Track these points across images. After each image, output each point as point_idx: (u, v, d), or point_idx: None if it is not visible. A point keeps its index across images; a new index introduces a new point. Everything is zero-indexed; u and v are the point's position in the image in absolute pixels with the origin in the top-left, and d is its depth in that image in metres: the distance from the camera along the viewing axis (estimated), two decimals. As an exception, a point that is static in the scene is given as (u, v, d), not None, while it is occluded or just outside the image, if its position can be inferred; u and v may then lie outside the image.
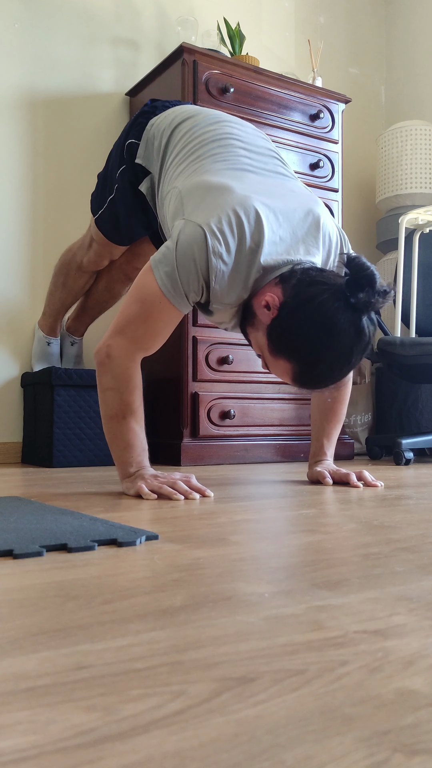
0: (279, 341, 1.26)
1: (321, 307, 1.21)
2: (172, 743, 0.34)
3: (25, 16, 2.48)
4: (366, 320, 1.24)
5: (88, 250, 2.03)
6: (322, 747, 0.33)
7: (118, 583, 0.65)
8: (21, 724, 0.36)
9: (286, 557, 0.77)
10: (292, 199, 1.39)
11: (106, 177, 1.85)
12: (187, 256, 1.27)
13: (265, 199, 1.34)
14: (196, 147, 1.50)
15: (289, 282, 1.27)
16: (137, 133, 1.70)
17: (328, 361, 1.23)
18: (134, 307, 1.33)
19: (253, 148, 1.51)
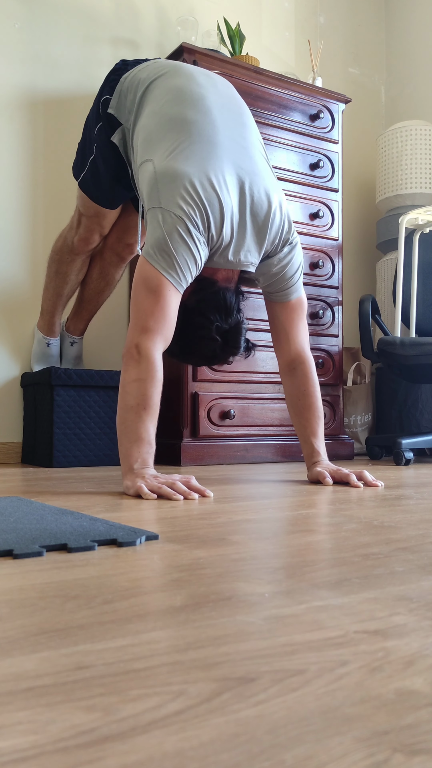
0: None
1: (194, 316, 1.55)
2: (172, 743, 0.34)
3: (25, 16, 2.47)
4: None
5: (77, 228, 2.06)
6: (322, 747, 0.33)
7: (118, 583, 0.65)
8: (21, 724, 0.36)
9: (286, 557, 0.77)
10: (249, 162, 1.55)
11: (85, 141, 1.91)
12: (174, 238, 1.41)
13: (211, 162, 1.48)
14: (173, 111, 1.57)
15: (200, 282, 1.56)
16: (110, 89, 1.77)
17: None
18: (146, 300, 1.42)
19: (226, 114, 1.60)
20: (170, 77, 1.65)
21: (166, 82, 1.64)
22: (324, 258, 2.60)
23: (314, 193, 2.60)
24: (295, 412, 1.68)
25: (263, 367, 2.42)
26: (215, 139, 1.53)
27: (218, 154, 1.51)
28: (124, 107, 1.72)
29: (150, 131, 1.57)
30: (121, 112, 1.72)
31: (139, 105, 1.66)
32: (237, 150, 1.54)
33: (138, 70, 1.74)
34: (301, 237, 2.55)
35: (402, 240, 2.55)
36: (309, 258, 2.55)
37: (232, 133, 1.57)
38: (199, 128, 1.53)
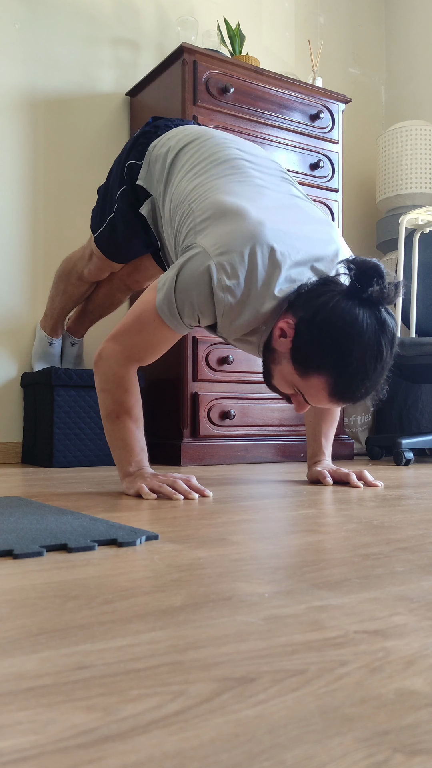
0: (304, 358, 1.23)
1: (336, 309, 1.19)
2: (172, 743, 0.34)
3: (25, 16, 2.48)
4: (385, 311, 1.21)
5: (88, 261, 2.02)
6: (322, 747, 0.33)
7: (118, 583, 0.65)
8: (21, 724, 0.36)
9: (286, 557, 0.77)
10: (310, 224, 1.36)
11: (106, 195, 1.83)
12: (187, 287, 1.26)
13: (281, 225, 1.30)
14: (206, 168, 1.45)
15: (297, 302, 1.26)
16: (138, 153, 1.67)
17: (358, 358, 1.18)
18: (131, 320, 1.35)
19: (265, 170, 1.47)
20: (200, 142, 1.54)
21: (196, 146, 1.53)
22: (324, 258, 2.60)
23: (314, 193, 2.60)
24: (314, 410, 1.65)
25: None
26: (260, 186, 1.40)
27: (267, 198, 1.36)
28: (152, 177, 1.61)
29: (182, 191, 1.46)
30: (151, 183, 1.62)
31: (169, 173, 1.56)
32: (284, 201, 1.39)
33: (167, 138, 1.62)
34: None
35: (402, 240, 2.56)
36: (309, 258, 2.55)
37: (275, 185, 1.44)
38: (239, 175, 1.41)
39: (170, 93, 2.40)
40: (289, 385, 1.31)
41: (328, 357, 1.20)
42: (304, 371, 1.24)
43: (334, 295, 1.22)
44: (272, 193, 1.40)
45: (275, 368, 1.31)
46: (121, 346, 1.35)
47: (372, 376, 1.21)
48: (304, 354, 1.23)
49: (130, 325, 1.35)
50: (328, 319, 1.20)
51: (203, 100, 2.32)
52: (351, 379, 1.20)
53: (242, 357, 2.36)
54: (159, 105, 2.48)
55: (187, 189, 1.44)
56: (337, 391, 1.22)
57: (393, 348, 1.22)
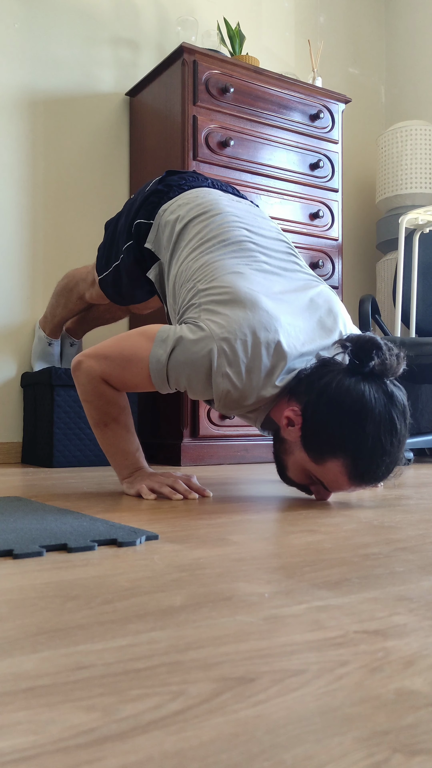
0: (317, 443, 1.18)
1: (340, 388, 1.16)
2: (172, 743, 0.34)
3: (25, 16, 2.48)
4: (391, 384, 1.18)
5: (90, 287, 2.01)
6: (322, 747, 0.33)
7: (118, 583, 0.65)
8: (21, 724, 0.36)
9: (286, 557, 0.77)
10: (317, 312, 1.34)
11: (113, 240, 1.79)
12: (184, 364, 1.24)
13: (288, 317, 1.28)
14: (213, 247, 1.43)
15: (299, 388, 1.23)
16: (147, 213, 1.64)
17: (373, 434, 1.13)
18: (118, 353, 1.31)
19: (272, 253, 1.44)
20: (209, 217, 1.50)
21: (204, 222, 1.49)
22: (324, 258, 2.60)
23: (314, 193, 2.60)
24: None
25: (263, 367, 2.42)
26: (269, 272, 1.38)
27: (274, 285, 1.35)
28: (161, 243, 1.58)
29: (188, 268, 1.43)
30: (159, 248, 1.59)
31: (176, 243, 1.53)
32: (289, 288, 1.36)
33: (177, 204, 1.58)
34: (301, 237, 2.55)
35: (402, 240, 2.55)
36: (309, 258, 2.55)
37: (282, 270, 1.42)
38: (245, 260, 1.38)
39: (170, 93, 2.40)
40: (306, 475, 1.26)
41: (341, 438, 1.15)
42: (319, 457, 1.19)
43: (336, 374, 1.18)
44: (280, 279, 1.37)
45: (288, 459, 1.26)
46: (100, 369, 1.31)
47: (390, 452, 1.16)
48: (315, 439, 1.18)
49: (116, 357, 1.30)
50: (334, 399, 1.16)
51: (203, 100, 2.32)
52: (369, 457, 1.15)
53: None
54: (159, 105, 2.48)
55: (193, 268, 1.41)
56: (357, 473, 1.17)
57: (406, 420, 1.17)
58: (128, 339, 1.32)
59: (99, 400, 1.34)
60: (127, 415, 1.36)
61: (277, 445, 1.29)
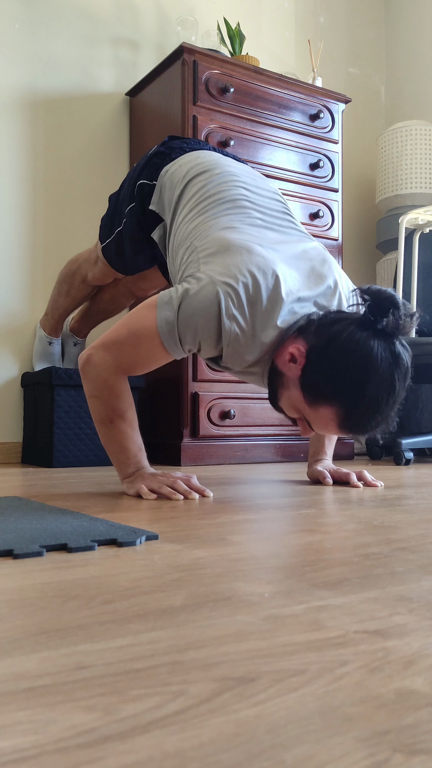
0: (315, 388, 1.21)
1: (350, 340, 1.17)
2: (172, 743, 0.34)
3: (25, 16, 2.48)
4: (399, 344, 1.19)
5: (93, 266, 2.02)
6: (322, 747, 0.33)
7: (118, 583, 0.65)
8: (21, 724, 0.36)
9: (286, 557, 0.77)
10: (310, 262, 1.36)
11: (116, 207, 1.81)
12: (193, 314, 1.24)
13: (283, 263, 1.30)
14: (209, 206, 1.45)
15: (309, 329, 1.23)
16: (150, 174, 1.66)
17: (371, 392, 1.16)
18: (125, 333, 1.31)
19: (267, 210, 1.46)
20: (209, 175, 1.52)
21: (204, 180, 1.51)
22: (324, 258, 2.60)
23: (314, 193, 2.60)
24: None
25: (263, 367, 2.42)
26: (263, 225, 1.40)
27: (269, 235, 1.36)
28: (164, 204, 1.60)
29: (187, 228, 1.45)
30: (162, 209, 1.61)
31: (177, 202, 1.55)
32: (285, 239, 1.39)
33: (179, 164, 1.60)
34: (301, 237, 2.55)
35: (402, 240, 2.56)
36: (309, 258, 2.55)
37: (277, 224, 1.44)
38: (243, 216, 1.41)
39: (170, 93, 2.40)
40: (296, 411, 1.29)
41: (340, 390, 1.17)
42: (314, 400, 1.21)
43: (348, 324, 1.19)
44: (273, 233, 1.39)
45: (282, 392, 1.29)
46: (111, 357, 1.31)
47: (384, 410, 1.18)
48: (314, 383, 1.21)
49: (125, 339, 1.30)
50: (342, 350, 1.17)
51: (203, 100, 2.32)
52: (363, 413, 1.18)
53: (242, 357, 2.36)
54: (159, 105, 2.48)
55: (190, 228, 1.43)
56: (347, 424, 1.20)
57: (406, 382, 1.19)
58: (132, 316, 1.33)
59: (108, 395, 1.33)
60: (132, 413, 1.36)
61: (273, 376, 1.31)
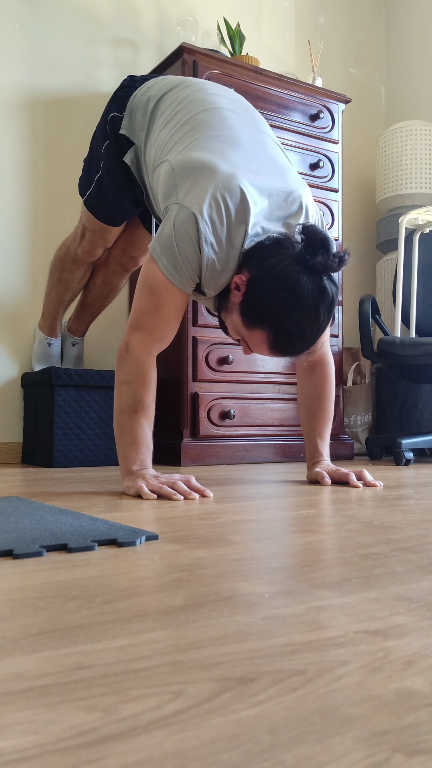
0: (251, 313, 1.34)
1: (282, 273, 1.29)
2: (172, 743, 0.34)
3: (25, 16, 2.47)
4: (327, 280, 1.31)
5: (81, 240, 2.04)
6: (322, 747, 0.33)
7: (118, 583, 0.65)
8: (21, 724, 0.36)
9: (286, 557, 0.77)
10: (278, 177, 1.44)
11: (92, 158, 1.88)
12: (185, 240, 1.34)
13: (251, 177, 1.39)
14: (185, 116, 1.53)
15: (252, 259, 1.34)
16: (119, 106, 1.73)
17: (296, 319, 1.29)
18: (144, 299, 1.40)
19: (241, 117, 1.55)
20: (179, 90, 1.61)
21: (176, 94, 1.60)
22: (324, 258, 2.60)
23: (314, 193, 2.60)
24: (307, 411, 1.67)
25: (263, 367, 2.42)
26: (235, 137, 1.48)
27: (240, 151, 1.45)
28: (134, 126, 1.67)
29: (163, 140, 1.53)
30: (133, 132, 1.68)
31: (150, 120, 1.62)
32: (258, 154, 1.47)
33: (147, 87, 1.69)
34: (301, 237, 2.55)
35: (402, 240, 2.55)
36: (309, 258, 2.55)
37: (251, 136, 1.52)
38: (216, 126, 1.49)
39: (170, 93, 2.40)
40: (237, 333, 1.42)
41: (270, 316, 1.31)
42: (249, 324, 1.35)
43: (283, 258, 1.31)
44: (246, 144, 1.47)
45: (227, 315, 1.42)
46: (146, 333, 1.40)
47: (307, 337, 1.33)
48: (250, 309, 1.34)
49: (147, 305, 1.40)
50: (274, 281, 1.30)
51: (203, 100, 2.32)
52: (288, 337, 1.32)
53: (242, 357, 2.36)
54: (159, 105, 2.48)
55: (165, 138, 1.52)
56: (275, 346, 1.34)
57: (331, 313, 1.34)
58: (141, 285, 1.42)
59: (141, 383, 1.39)
60: (153, 410, 1.41)
61: (221, 301, 1.44)
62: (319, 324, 1.32)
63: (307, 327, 1.31)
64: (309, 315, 1.30)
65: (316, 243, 1.29)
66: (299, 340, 1.33)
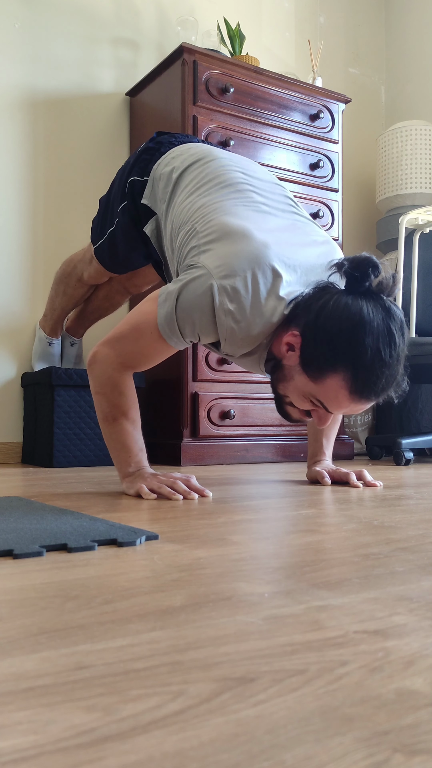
0: (317, 361, 1.19)
1: (337, 306, 1.17)
2: (172, 743, 0.34)
3: (25, 16, 2.47)
4: (388, 300, 1.19)
5: (88, 265, 2.02)
6: (322, 747, 0.33)
7: (118, 583, 0.65)
8: (21, 724, 0.36)
9: (286, 557, 0.77)
10: (313, 247, 1.36)
11: (107, 207, 1.81)
12: (190, 308, 1.25)
13: (285, 249, 1.29)
14: (210, 190, 1.44)
15: (296, 312, 1.23)
16: (140, 170, 1.66)
17: (372, 345, 1.14)
18: (128, 329, 1.33)
19: (269, 195, 1.45)
20: (204, 163, 1.52)
21: (200, 168, 1.51)
22: (324, 258, 2.60)
23: (314, 193, 2.60)
24: None
25: (263, 367, 2.42)
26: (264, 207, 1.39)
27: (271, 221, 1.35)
28: (156, 196, 1.59)
29: (186, 209, 1.43)
30: (155, 202, 1.60)
31: (172, 192, 1.54)
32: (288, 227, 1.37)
33: (171, 157, 1.60)
34: (301, 237, 2.55)
35: (402, 240, 2.56)
36: (309, 258, 2.55)
37: (278, 205, 1.43)
38: (243, 197, 1.39)
39: (170, 93, 2.40)
40: (306, 399, 1.26)
41: (340, 351, 1.16)
42: (319, 375, 1.19)
43: (332, 294, 1.20)
44: (275, 218, 1.38)
45: (288, 386, 1.28)
46: (115, 353, 1.33)
47: (390, 364, 1.16)
48: (315, 357, 1.19)
49: (127, 333, 1.32)
50: (332, 316, 1.17)
51: (203, 100, 2.32)
52: (369, 369, 1.15)
53: (242, 357, 2.36)
54: (159, 105, 2.48)
55: (191, 210, 1.42)
56: (357, 386, 1.17)
57: (404, 334, 1.18)
58: (134, 313, 1.34)
59: (112, 392, 1.34)
60: (136, 412, 1.37)
61: (275, 375, 1.31)
62: (397, 348, 1.16)
63: (386, 352, 1.15)
64: (383, 338, 1.14)
65: (362, 265, 1.17)
66: (382, 369, 1.15)
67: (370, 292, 1.18)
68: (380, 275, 1.17)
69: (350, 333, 1.15)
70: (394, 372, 1.18)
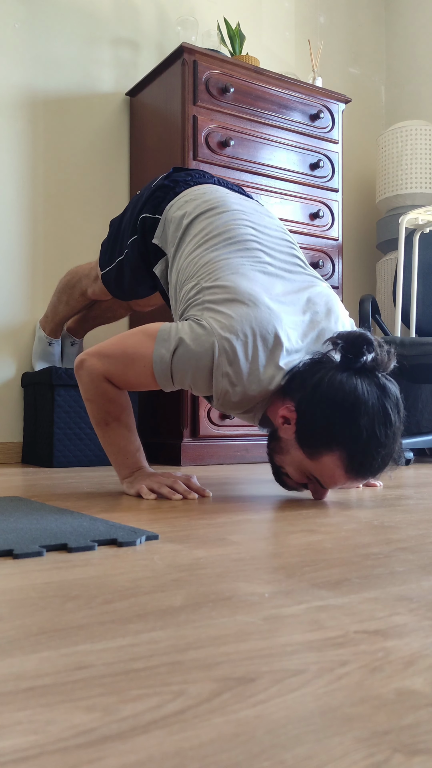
0: (312, 438, 1.18)
1: (332, 383, 1.16)
2: (172, 743, 0.34)
3: (25, 16, 2.47)
4: (383, 377, 1.19)
5: (93, 282, 2.02)
6: (322, 747, 0.33)
7: (118, 583, 0.65)
8: (21, 724, 0.36)
9: (286, 557, 0.77)
10: (317, 313, 1.35)
11: (118, 236, 1.80)
12: (187, 362, 1.24)
13: (288, 316, 1.29)
14: (218, 245, 1.42)
15: (292, 385, 1.23)
16: (153, 208, 1.65)
17: (366, 425, 1.13)
18: (120, 353, 1.31)
19: (276, 254, 1.44)
20: (215, 214, 1.49)
21: (211, 218, 1.50)
22: (324, 258, 2.60)
23: (314, 193, 2.60)
24: None
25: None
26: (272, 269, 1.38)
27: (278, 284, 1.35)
28: (166, 238, 1.58)
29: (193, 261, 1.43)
30: (165, 244, 1.59)
31: (181, 238, 1.53)
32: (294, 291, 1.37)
33: (184, 200, 1.58)
34: (301, 237, 2.55)
35: (402, 240, 2.56)
36: (309, 258, 2.55)
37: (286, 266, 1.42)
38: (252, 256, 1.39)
39: (170, 93, 2.40)
40: (302, 474, 1.25)
41: (335, 431, 1.15)
42: (315, 452, 1.18)
43: (328, 370, 1.19)
44: (281, 282, 1.37)
45: (285, 459, 1.26)
46: (103, 368, 1.32)
47: (386, 443, 1.15)
48: (310, 434, 1.18)
49: (119, 356, 1.31)
50: (327, 394, 1.16)
51: (203, 100, 2.32)
52: (365, 449, 1.14)
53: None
54: (159, 105, 2.48)
55: (198, 264, 1.41)
56: (353, 466, 1.16)
57: (400, 412, 1.18)
58: (130, 337, 1.32)
59: (101, 399, 1.34)
60: (128, 415, 1.37)
61: (271, 445, 1.29)
62: (393, 427, 1.15)
63: (381, 432, 1.14)
64: (378, 418, 1.14)
65: (356, 342, 1.16)
66: (377, 449, 1.14)
67: (365, 369, 1.18)
68: (375, 353, 1.17)
69: (346, 414, 1.14)
70: (390, 451, 1.18)
